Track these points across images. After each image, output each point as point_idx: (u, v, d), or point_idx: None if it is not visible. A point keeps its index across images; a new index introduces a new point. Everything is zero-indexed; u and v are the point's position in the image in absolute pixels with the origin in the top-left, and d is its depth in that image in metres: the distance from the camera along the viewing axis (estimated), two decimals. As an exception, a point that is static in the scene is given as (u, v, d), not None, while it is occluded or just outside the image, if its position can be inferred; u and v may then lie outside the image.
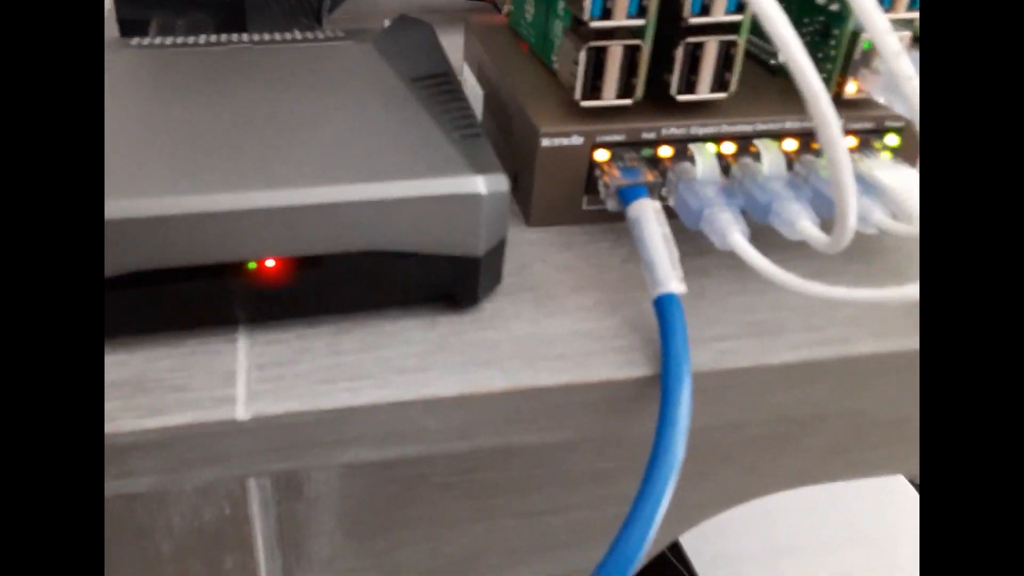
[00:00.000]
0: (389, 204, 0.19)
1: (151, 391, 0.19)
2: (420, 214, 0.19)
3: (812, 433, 0.23)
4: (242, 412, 0.18)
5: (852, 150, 0.25)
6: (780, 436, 0.23)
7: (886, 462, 0.25)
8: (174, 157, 0.19)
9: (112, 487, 0.18)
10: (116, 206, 0.18)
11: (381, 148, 0.20)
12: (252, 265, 0.20)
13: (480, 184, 0.20)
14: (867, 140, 0.25)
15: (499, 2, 0.36)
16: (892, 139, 0.25)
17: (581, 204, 0.25)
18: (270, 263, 0.20)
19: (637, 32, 0.23)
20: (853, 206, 0.19)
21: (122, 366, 0.19)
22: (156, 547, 0.22)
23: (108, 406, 0.18)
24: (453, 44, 0.41)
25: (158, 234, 0.18)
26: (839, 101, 0.25)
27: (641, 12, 0.22)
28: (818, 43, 0.25)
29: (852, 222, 0.19)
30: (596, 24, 0.22)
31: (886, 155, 0.24)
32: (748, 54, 0.28)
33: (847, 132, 0.25)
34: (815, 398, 0.21)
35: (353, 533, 0.23)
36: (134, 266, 0.19)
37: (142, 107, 0.21)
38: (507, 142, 0.27)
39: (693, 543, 0.74)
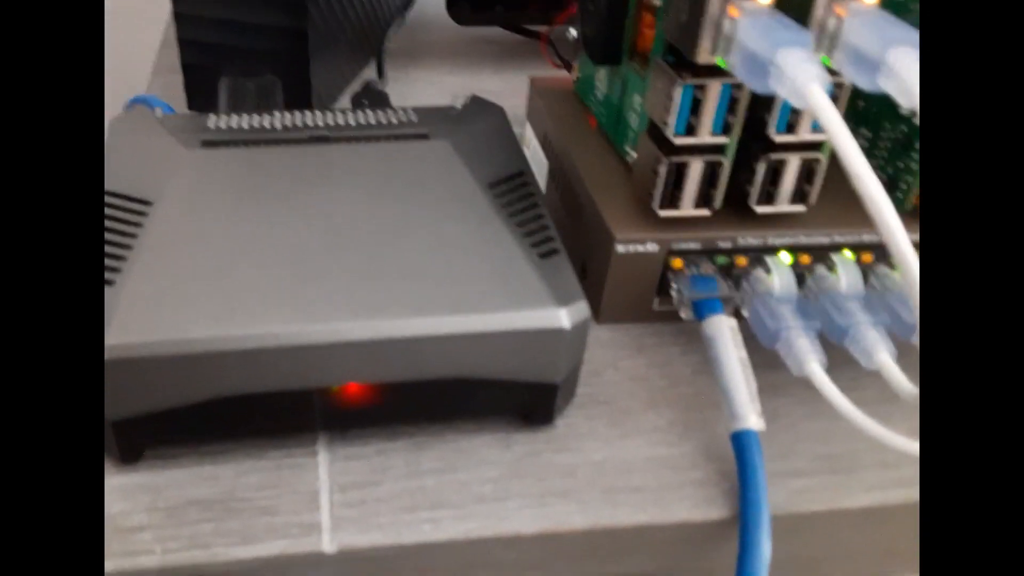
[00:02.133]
0: (473, 337, 0.19)
1: (240, 513, 0.19)
2: (503, 346, 0.20)
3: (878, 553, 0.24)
4: (328, 544, 0.19)
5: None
6: (844, 562, 0.23)
7: None
8: (263, 283, 0.20)
9: (202, 607, 0.19)
10: (209, 337, 0.18)
11: (463, 273, 0.20)
12: (336, 388, 0.20)
13: (563, 318, 0.20)
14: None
15: (556, 46, 0.36)
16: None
17: (652, 305, 0.25)
18: (354, 387, 0.20)
19: (720, 148, 0.22)
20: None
21: (213, 482, 0.20)
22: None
23: (200, 528, 0.19)
24: (509, 85, 0.40)
25: (249, 364, 0.19)
26: (918, 215, 0.24)
27: (725, 130, 0.22)
28: (898, 153, 0.25)
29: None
30: (680, 141, 0.22)
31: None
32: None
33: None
34: (889, 537, 0.21)
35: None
36: (225, 391, 0.19)
37: (228, 223, 0.21)
38: (574, 226, 0.27)
39: None
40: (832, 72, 0.20)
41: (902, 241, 0.17)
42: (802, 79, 0.17)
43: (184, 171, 0.22)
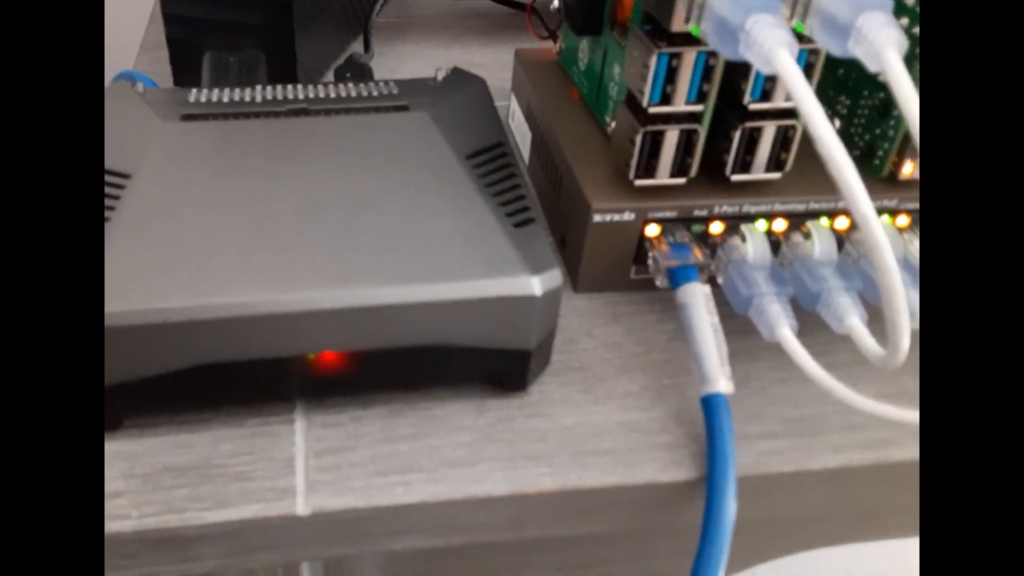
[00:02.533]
0: (446, 305, 0.20)
1: (216, 478, 0.20)
2: (475, 313, 0.20)
3: (845, 515, 0.24)
4: (302, 507, 0.19)
5: (903, 230, 0.25)
6: (812, 520, 0.24)
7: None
8: (240, 253, 0.20)
9: (178, 569, 0.20)
10: (187, 307, 0.19)
11: (437, 242, 0.20)
12: (312, 356, 0.20)
13: (535, 285, 0.20)
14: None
15: (544, 22, 0.36)
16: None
17: (629, 274, 0.25)
18: (330, 355, 0.20)
19: (695, 116, 0.23)
20: (905, 321, 0.19)
21: (188, 449, 0.20)
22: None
23: (176, 494, 0.19)
24: (498, 58, 0.40)
25: (226, 332, 0.19)
26: (894, 181, 0.24)
27: (700, 98, 0.22)
28: (875, 120, 0.25)
29: (905, 342, 0.19)
30: (654, 109, 0.22)
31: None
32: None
33: (900, 212, 0.25)
34: (854, 497, 0.21)
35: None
36: (203, 359, 0.19)
37: (207, 195, 0.21)
38: (555, 198, 0.27)
39: None
40: (807, 39, 0.20)
41: (864, 205, 0.17)
42: (770, 44, 0.17)
43: (163, 144, 0.23)
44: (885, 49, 0.17)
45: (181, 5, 0.33)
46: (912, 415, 0.19)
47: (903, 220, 0.25)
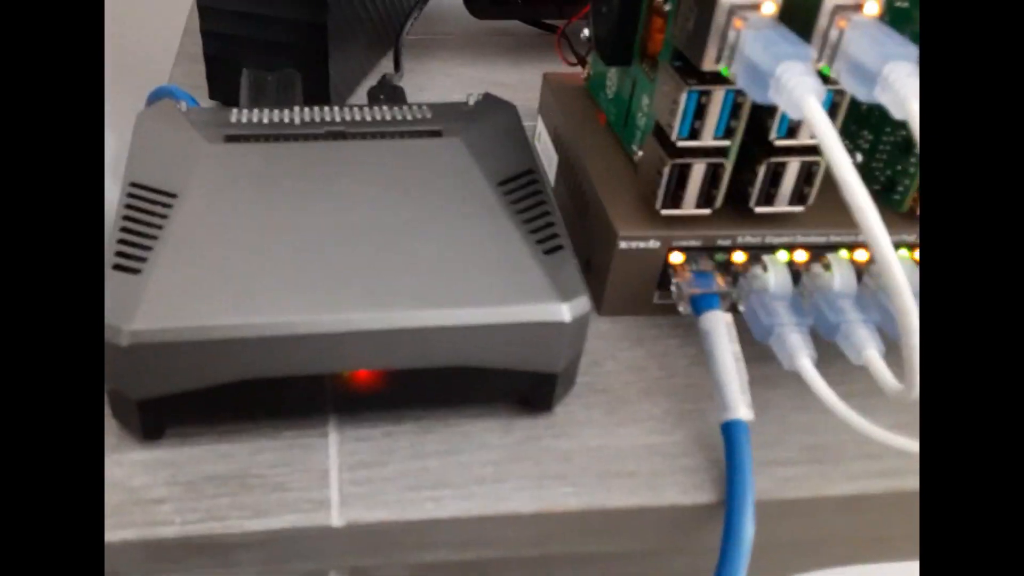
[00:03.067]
0: (477, 328, 0.20)
1: (255, 489, 0.21)
2: (506, 337, 0.21)
3: (859, 539, 0.25)
4: (336, 519, 0.20)
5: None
6: (828, 543, 0.24)
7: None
8: (279, 274, 0.21)
9: (217, 574, 0.20)
10: (228, 325, 0.20)
11: (470, 267, 0.21)
12: (347, 374, 0.21)
13: (564, 312, 0.21)
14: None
15: (573, 48, 0.37)
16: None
17: (653, 298, 0.26)
18: (364, 373, 0.21)
19: (722, 151, 0.23)
20: (916, 356, 0.19)
21: (228, 459, 0.21)
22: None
23: (217, 502, 0.20)
24: (524, 78, 0.41)
25: (266, 350, 0.20)
26: (914, 216, 0.25)
27: (728, 134, 0.23)
28: (897, 156, 0.25)
29: (916, 379, 0.19)
30: (683, 143, 0.23)
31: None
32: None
33: (919, 247, 0.25)
34: (869, 522, 0.22)
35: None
36: (244, 375, 0.20)
37: (248, 216, 0.22)
38: (581, 221, 0.28)
39: None
40: (832, 81, 0.21)
41: (886, 248, 0.18)
42: (799, 92, 0.18)
43: (208, 165, 0.24)
44: (910, 100, 0.18)
45: (219, 24, 0.34)
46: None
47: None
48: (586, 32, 0.29)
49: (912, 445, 0.20)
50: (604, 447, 0.22)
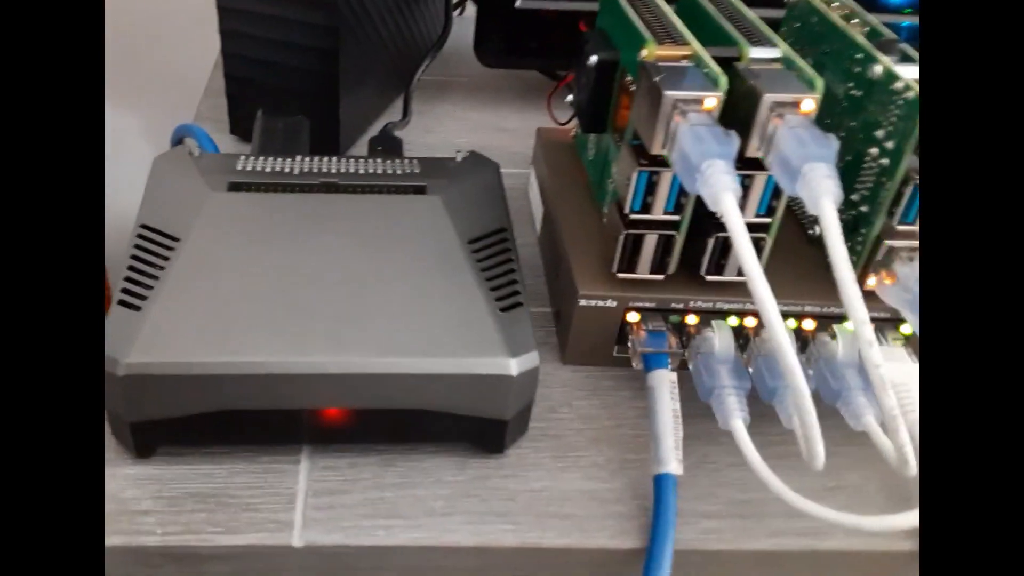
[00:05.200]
0: (433, 377, 0.23)
1: (229, 507, 0.23)
2: (459, 386, 0.23)
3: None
4: (297, 540, 0.22)
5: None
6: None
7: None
8: (263, 317, 0.23)
9: (190, 583, 0.23)
10: (214, 362, 0.22)
11: (432, 320, 0.24)
12: (317, 410, 0.23)
13: (512, 366, 0.23)
14: (882, 328, 0.27)
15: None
16: (907, 327, 0.27)
17: (612, 352, 0.28)
18: (333, 411, 0.23)
19: (673, 224, 0.25)
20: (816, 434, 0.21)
21: (209, 478, 0.24)
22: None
23: (194, 516, 0.23)
24: (527, 124, 0.43)
25: (246, 385, 0.23)
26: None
27: (678, 209, 0.25)
28: (847, 234, 0.27)
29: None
30: (635, 216, 0.25)
31: (897, 344, 0.26)
32: (789, 210, 0.30)
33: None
34: (786, 577, 0.24)
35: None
36: (226, 406, 0.23)
37: (240, 263, 0.25)
38: (555, 274, 0.30)
39: None
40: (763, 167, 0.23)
41: (773, 316, 0.20)
42: (718, 189, 0.20)
43: (209, 212, 0.26)
44: (823, 199, 0.20)
45: (240, 68, 0.37)
46: (830, 513, 0.21)
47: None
48: (570, 97, 0.31)
49: (819, 510, 0.22)
50: (547, 489, 0.24)
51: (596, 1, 0.40)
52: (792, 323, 0.27)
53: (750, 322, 0.27)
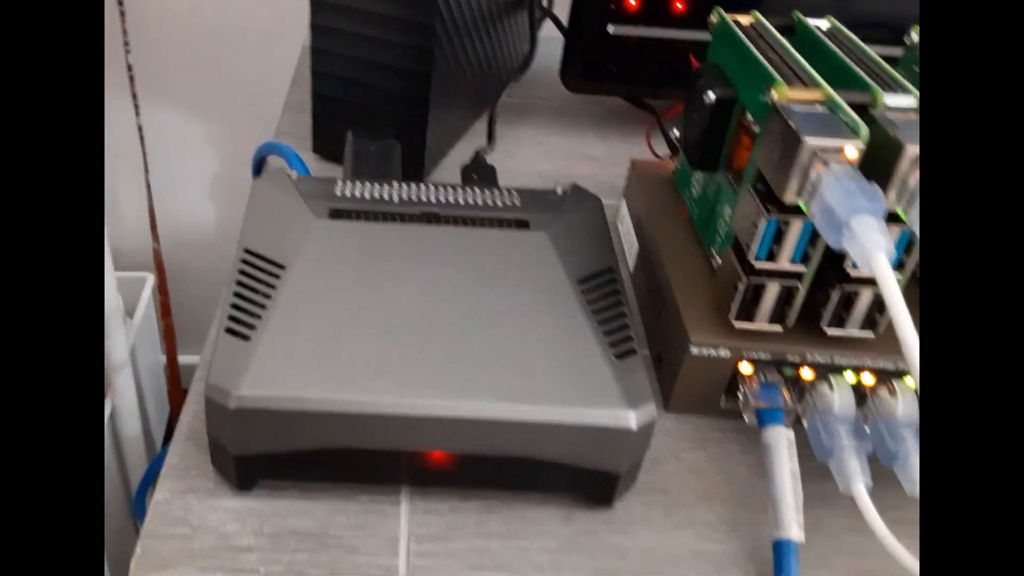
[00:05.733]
0: (545, 426, 0.22)
1: (331, 548, 0.22)
2: (572, 436, 0.22)
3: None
4: (403, 589, 0.22)
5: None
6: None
7: None
8: (370, 355, 0.22)
9: (289, 625, 0.22)
10: (321, 399, 0.22)
11: (544, 365, 0.23)
12: (422, 452, 0.23)
13: (631, 418, 0.22)
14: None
15: (666, 131, 0.38)
16: None
17: (720, 402, 0.27)
18: (438, 454, 0.23)
19: (797, 275, 0.24)
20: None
21: (309, 516, 0.23)
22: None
23: (297, 556, 0.22)
24: (612, 152, 0.42)
25: (351, 425, 0.22)
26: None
27: (804, 259, 0.24)
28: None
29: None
30: (760, 265, 0.24)
31: None
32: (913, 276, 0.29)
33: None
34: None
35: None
36: (330, 444, 0.22)
37: (346, 295, 0.24)
38: (655, 315, 0.29)
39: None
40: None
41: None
42: (870, 248, 0.19)
43: (314, 240, 0.26)
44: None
45: (329, 87, 0.37)
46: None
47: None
48: (676, 132, 0.30)
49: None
50: (658, 548, 0.23)
51: (691, 30, 0.39)
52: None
53: (867, 379, 0.26)
